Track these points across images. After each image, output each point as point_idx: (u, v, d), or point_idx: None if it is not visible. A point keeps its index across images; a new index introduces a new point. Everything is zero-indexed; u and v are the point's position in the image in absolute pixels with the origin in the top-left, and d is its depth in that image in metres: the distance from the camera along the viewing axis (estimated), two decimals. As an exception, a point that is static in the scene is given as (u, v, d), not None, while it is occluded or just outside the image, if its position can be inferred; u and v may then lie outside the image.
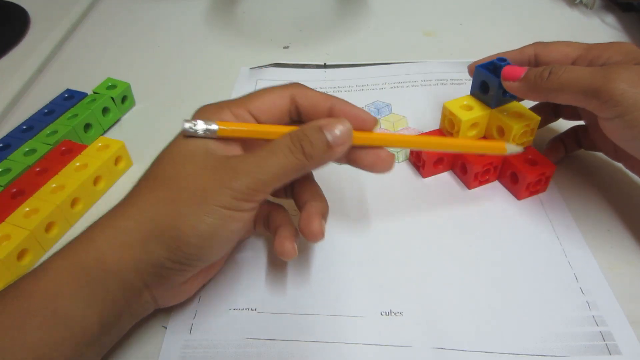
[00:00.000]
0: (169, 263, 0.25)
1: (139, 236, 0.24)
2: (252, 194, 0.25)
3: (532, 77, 0.31)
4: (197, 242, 0.25)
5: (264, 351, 0.28)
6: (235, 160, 0.26)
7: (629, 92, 0.27)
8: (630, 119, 0.27)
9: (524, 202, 0.36)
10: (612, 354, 0.27)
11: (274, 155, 0.26)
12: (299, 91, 0.29)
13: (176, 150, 0.26)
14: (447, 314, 0.29)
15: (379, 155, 0.28)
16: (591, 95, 0.28)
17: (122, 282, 0.25)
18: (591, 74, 0.28)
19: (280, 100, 0.29)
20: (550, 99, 0.31)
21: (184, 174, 0.25)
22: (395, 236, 0.34)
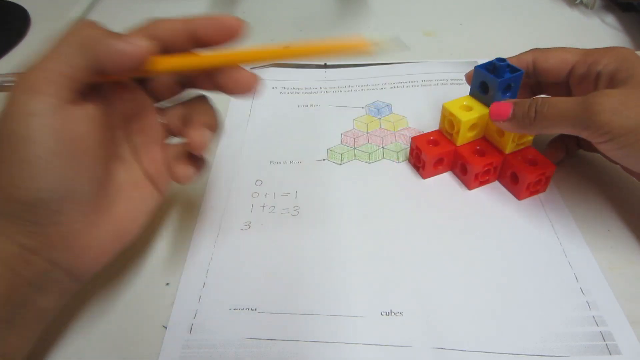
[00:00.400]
0: (15, 212, 0.23)
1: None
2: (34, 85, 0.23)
3: (520, 116, 0.32)
4: (17, 173, 0.22)
5: (265, 351, 0.28)
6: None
7: (614, 120, 0.28)
8: (621, 141, 0.28)
9: (523, 202, 0.36)
10: (612, 354, 0.27)
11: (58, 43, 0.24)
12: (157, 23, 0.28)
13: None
14: (447, 314, 0.29)
15: (236, 78, 0.27)
16: (580, 127, 0.29)
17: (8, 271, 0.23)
18: (574, 107, 0.29)
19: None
20: (544, 133, 0.32)
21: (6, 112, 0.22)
22: (396, 236, 0.34)
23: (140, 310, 0.31)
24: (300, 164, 0.40)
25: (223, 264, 0.33)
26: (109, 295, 0.31)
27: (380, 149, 0.41)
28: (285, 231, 0.35)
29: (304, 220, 0.36)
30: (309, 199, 0.37)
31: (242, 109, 0.46)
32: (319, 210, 0.36)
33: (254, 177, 0.39)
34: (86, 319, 0.30)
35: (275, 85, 0.49)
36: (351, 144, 0.42)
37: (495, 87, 0.34)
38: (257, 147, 0.42)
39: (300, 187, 0.38)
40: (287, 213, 0.36)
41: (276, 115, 0.46)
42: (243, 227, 0.35)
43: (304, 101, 0.47)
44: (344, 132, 0.43)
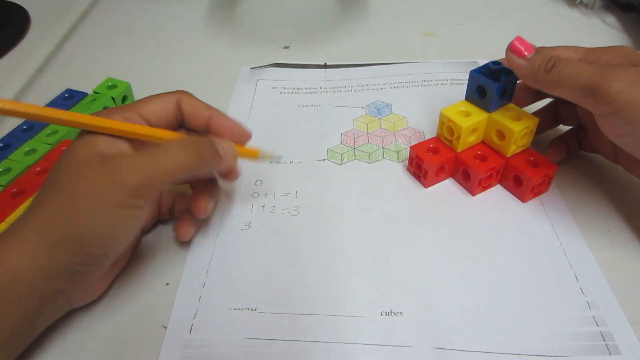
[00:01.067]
0: (77, 266, 0.26)
1: (44, 246, 0.25)
2: (145, 190, 0.27)
3: (536, 64, 0.31)
4: (100, 242, 0.26)
5: (265, 351, 0.28)
6: (126, 159, 0.27)
7: (624, 91, 0.28)
8: (625, 115, 0.28)
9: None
10: (612, 354, 0.27)
11: (167, 153, 0.28)
12: (184, 97, 0.32)
13: (70, 158, 0.27)
14: (447, 314, 0.29)
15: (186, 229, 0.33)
16: (588, 92, 0.29)
17: (33, 291, 0.25)
18: (590, 71, 0.29)
19: (167, 104, 0.31)
20: (546, 91, 0.32)
21: (78, 180, 0.26)
22: (396, 236, 0.34)
23: (140, 310, 0.31)
24: (300, 164, 0.40)
25: (223, 264, 0.33)
26: (109, 295, 0.31)
27: (380, 149, 0.41)
28: (286, 231, 0.35)
29: (304, 220, 0.36)
30: (309, 199, 0.37)
31: (242, 109, 0.46)
32: (319, 210, 0.36)
33: (254, 177, 0.39)
34: (86, 318, 0.30)
35: (275, 85, 0.49)
36: (351, 144, 0.42)
37: (493, 91, 0.34)
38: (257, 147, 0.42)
39: (301, 187, 0.38)
40: (287, 213, 0.36)
41: (276, 115, 0.46)
42: (243, 227, 0.35)
43: (304, 101, 0.47)
44: (344, 132, 0.43)
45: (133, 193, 0.26)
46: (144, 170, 0.26)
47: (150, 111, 0.30)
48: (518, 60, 0.32)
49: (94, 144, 0.27)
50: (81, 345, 0.29)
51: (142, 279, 0.32)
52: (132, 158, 0.27)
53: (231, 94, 0.49)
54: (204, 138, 0.30)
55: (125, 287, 0.32)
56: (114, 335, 0.29)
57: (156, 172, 0.27)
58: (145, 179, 0.26)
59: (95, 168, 0.26)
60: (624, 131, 0.29)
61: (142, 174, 0.26)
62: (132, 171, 0.26)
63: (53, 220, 0.25)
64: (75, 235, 0.25)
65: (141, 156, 0.27)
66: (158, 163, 0.27)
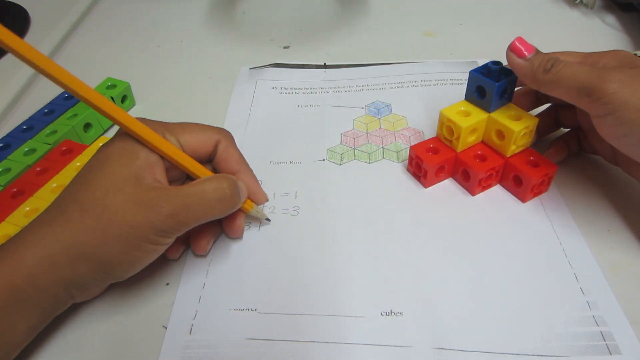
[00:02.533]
0: (93, 281, 0.28)
1: (67, 258, 0.26)
2: (175, 233, 0.28)
3: (535, 64, 0.31)
4: (122, 268, 0.28)
5: (265, 351, 0.28)
6: (162, 198, 0.27)
7: (619, 91, 0.28)
8: (620, 116, 0.28)
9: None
10: (613, 354, 0.27)
11: (203, 200, 0.28)
12: (224, 141, 0.32)
13: (108, 175, 0.27)
14: (448, 314, 0.29)
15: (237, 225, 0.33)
16: (584, 93, 0.29)
17: (50, 297, 0.26)
18: (587, 72, 0.29)
19: (208, 141, 0.32)
20: (544, 91, 0.32)
21: (113, 206, 0.26)
22: (396, 236, 0.34)
23: (140, 311, 0.31)
24: (300, 164, 0.40)
25: (223, 264, 0.33)
26: (109, 295, 0.31)
27: (380, 149, 0.41)
28: (285, 231, 0.35)
29: (304, 220, 0.36)
30: (309, 199, 0.37)
31: (241, 110, 0.46)
32: (319, 210, 0.36)
33: (254, 178, 0.39)
34: (86, 319, 0.30)
35: (275, 86, 0.49)
36: (351, 144, 0.42)
37: (493, 91, 0.34)
38: (256, 148, 0.42)
39: (300, 187, 0.38)
40: (287, 213, 0.36)
41: (276, 115, 0.46)
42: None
43: (303, 101, 0.47)
44: (343, 132, 0.43)
45: (162, 234, 0.27)
46: (177, 216, 0.27)
47: (190, 142, 0.31)
48: (518, 60, 0.32)
49: (133, 162, 0.28)
50: (81, 345, 0.29)
51: (142, 279, 0.32)
52: (169, 200, 0.27)
53: (231, 94, 0.49)
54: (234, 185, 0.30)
55: (126, 287, 0.32)
56: (114, 335, 0.29)
57: (189, 218, 0.28)
58: (177, 224, 0.27)
59: (132, 197, 0.27)
60: (620, 132, 0.29)
61: (175, 220, 0.27)
62: (167, 214, 0.27)
63: (81, 238, 0.26)
64: (99, 259, 0.26)
65: (177, 200, 0.27)
66: (193, 210, 0.28)
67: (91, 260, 0.26)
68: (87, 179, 0.28)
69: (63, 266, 0.26)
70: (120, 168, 0.27)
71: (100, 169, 0.28)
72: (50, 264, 0.26)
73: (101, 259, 0.27)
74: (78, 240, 0.26)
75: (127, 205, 0.26)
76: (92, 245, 0.26)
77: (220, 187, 0.29)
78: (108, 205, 0.26)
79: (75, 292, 0.28)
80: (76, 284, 0.27)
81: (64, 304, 0.28)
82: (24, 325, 0.26)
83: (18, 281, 0.25)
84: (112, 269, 0.27)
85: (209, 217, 0.29)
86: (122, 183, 0.27)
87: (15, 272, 0.25)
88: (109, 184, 0.27)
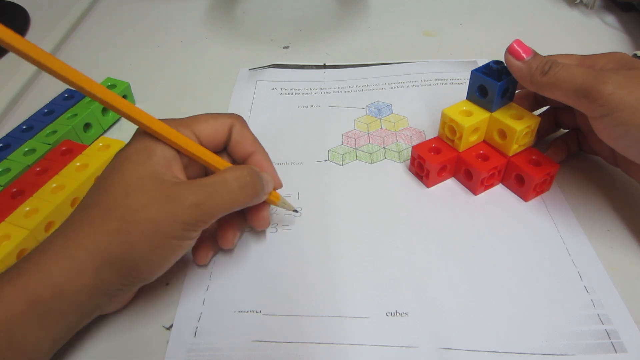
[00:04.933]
0: (120, 286, 0.27)
1: (92, 265, 0.25)
2: (199, 225, 0.27)
3: (533, 66, 0.32)
4: (149, 269, 0.27)
5: (270, 354, 0.28)
6: (184, 190, 0.27)
7: (616, 93, 0.28)
8: (617, 117, 0.28)
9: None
10: (618, 352, 0.27)
11: (225, 188, 0.28)
12: (237, 124, 0.32)
13: (127, 176, 0.27)
14: (453, 314, 0.29)
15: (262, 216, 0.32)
16: (581, 94, 0.29)
17: (76, 307, 0.26)
18: (584, 74, 0.30)
19: (222, 127, 0.31)
20: (542, 93, 0.32)
21: (135, 206, 0.26)
22: (400, 237, 0.34)
23: (140, 311, 0.31)
24: (301, 165, 0.40)
25: (226, 266, 0.33)
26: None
27: (381, 149, 0.41)
28: (289, 232, 0.35)
29: (308, 221, 0.35)
30: (312, 200, 0.37)
31: (242, 111, 0.46)
32: (322, 211, 0.36)
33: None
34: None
35: (275, 86, 0.49)
36: (352, 145, 0.42)
37: (495, 91, 0.34)
38: (258, 148, 0.42)
39: (303, 188, 0.38)
40: (289, 214, 0.36)
41: (276, 116, 0.46)
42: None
43: (304, 102, 0.47)
44: (344, 133, 0.43)
45: (188, 227, 0.27)
46: (202, 206, 0.27)
47: (205, 131, 0.30)
48: (516, 62, 0.32)
49: (150, 160, 0.27)
50: (82, 346, 0.29)
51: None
52: (191, 191, 0.27)
53: (231, 94, 0.48)
54: (255, 173, 0.30)
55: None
56: (115, 336, 0.29)
57: (213, 208, 0.27)
58: (202, 214, 0.27)
59: (153, 195, 0.26)
60: (617, 133, 0.29)
61: (200, 210, 0.27)
62: (190, 207, 0.26)
63: (105, 242, 0.26)
64: (125, 261, 0.26)
65: (199, 189, 0.27)
66: (216, 199, 0.27)
67: (116, 264, 0.26)
68: (106, 183, 0.27)
69: (89, 274, 0.25)
70: (138, 167, 0.27)
71: (118, 172, 0.27)
72: (75, 273, 0.25)
73: (127, 261, 0.26)
74: (102, 245, 0.25)
75: (149, 202, 0.26)
76: (116, 248, 0.25)
77: (242, 174, 0.29)
78: (129, 205, 0.26)
79: (102, 301, 0.27)
80: (103, 291, 0.26)
81: (89, 315, 0.27)
82: (49, 340, 0.25)
83: (43, 294, 0.24)
84: (138, 271, 0.27)
85: (233, 205, 0.28)
86: (141, 182, 0.26)
87: (39, 285, 0.24)
88: (128, 185, 0.26)
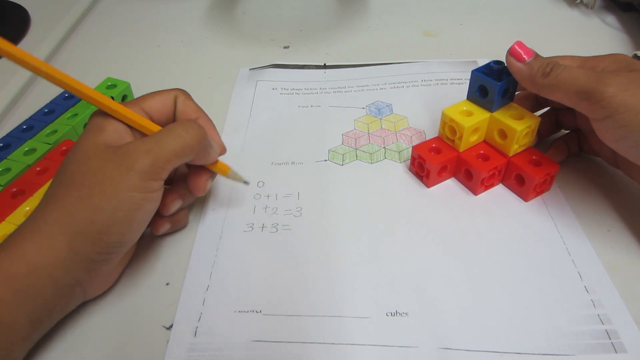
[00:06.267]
0: (95, 255, 0.27)
1: (63, 238, 0.26)
2: (156, 172, 0.28)
3: (535, 68, 0.32)
4: (118, 229, 0.27)
5: (270, 354, 0.28)
6: (134, 144, 0.28)
7: (618, 95, 0.28)
8: (619, 119, 0.28)
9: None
10: (618, 352, 0.27)
11: (172, 134, 0.29)
12: (180, 95, 0.33)
13: (79, 150, 0.28)
14: (453, 314, 0.29)
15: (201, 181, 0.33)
16: (582, 96, 0.29)
17: (53, 282, 0.26)
18: (586, 76, 0.30)
19: (167, 100, 0.32)
20: (543, 94, 0.32)
21: (92, 170, 0.27)
22: (401, 237, 0.34)
23: (140, 311, 0.31)
24: (302, 165, 0.40)
25: (226, 266, 0.33)
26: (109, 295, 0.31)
27: (382, 149, 0.41)
28: (289, 232, 0.35)
29: (308, 221, 0.35)
30: (312, 200, 0.37)
31: (242, 111, 0.46)
32: (322, 211, 0.36)
33: (256, 179, 0.39)
34: (86, 320, 0.30)
35: (275, 86, 0.49)
36: (353, 145, 0.42)
37: (495, 91, 0.34)
38: (258, 149, 0.42)
39: (303, 188, 0.38)
40: (289, 214, 0.36)
41: (277, 116, 0.46)
42: (246, 228, 0.35)
43: (304, 102, 0.47)
44: (345, 133, 0.43)
45: (145, 175, 0.27)
46: (153, 152, 0.28)
47: (153, 106, 0.32)
48: (517, 64, 0.32)
49: (102, 133, 0.28)
50: (82, 347, 0.29)
51: (142, 279, 0.32)
52: (140, 142, 0.28)
53: (231, 94, 0.48)
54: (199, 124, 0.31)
55: (126, 287, 0.32)
56: (116, 336, 0.29)
57: (164, 152, 0.28)
58: (155, 160, 0.27)
59: (106, 156, 0.27)
60: (618, 135, 0.29)
61: (152, 156, 0.27)
62: (141, 154, 0.27)
63: (71, 211, 0.26)
64: (93, 225, 0.26)
65: (148, 140, 0.28)
66: (165, 143, 0.28)
67: (86, 231, 0.26)
68: (65, 160, 0.28)
69: (61, 247, 0.26)
70: (90, 140, 0.28)
71: (74, 149, 0.28)
72: (48, 248, 0.26)
73: (95, 225, 0.26)
74: (68, 215, 0.26)
75: (104, 164, 0.27)
76: (83, 214, 0.26)
77: (186, 122, 0.30)
78: (86, 171, 0.27)
79: (80, 275, 0.27)
80: (78, 263, 0.26)
81: (69, 291, 0.27)
82: (26, 318, 0.25)
83: (17, 271, 0.25)
84: (108, 234, 0.27)
85: (184, 149, 0.29)
86: (94, 150, 0.28)
87: (13, 263, 0.25)
88: (83, 155, 0.28)
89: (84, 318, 0.30)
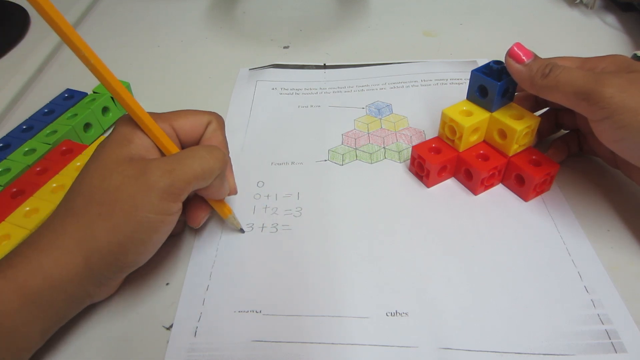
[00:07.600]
0: (109, 274, 0.27)
1: (81, 254, 0.26)
2: (176, 192, 0.27)
3: (534, 69, 0.32)
4: (134, 250, 0.27)
5: (270, 354, 0.28)
6: (157, 163, 0.27)
7: (616, 96, 0.28)
8: (618, 120, 0.28)
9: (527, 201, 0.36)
10: (618, 352, 0.27)
11: (195, 155, 0.28)
12: (213, 123, 0.32)
13: (104, 162, 0.27)
14: (453, 314, 0.29)
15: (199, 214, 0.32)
16: (581, 97, 0.29)
17: (66, 296, 0.26)
18: (585, 77, 0.30)
19: (199, 123, 0.32)
20: (543, 96, 0.32)
21: (113, 187, 0.26)
22: (401, 237, 0.34)
23: (140, 311, 0.31)
24: (301, 165, 0.40)
25: (226, 266, 0.33)
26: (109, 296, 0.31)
27: (381, 149, 0.41)
28: (289, 232, 0.35)
29: (308, 221, 0.35)
30: (312, 200, 0.37)
31: (242, 111, 0.46)
32: (322, 211, 0.36)
33: (256, 179, 0.39)
34: (86, 320, 0.30)
35: (275, 87, 0.49)
36: (352, 145, 0.42)
37: (495, 91, 0.34)
38: (258, 149, 0.42)
39: (303, 188, 0.38)
40: (289, 214, 0.36)
41: (277, 116, 0.46)
42: (246, 228, 0.35)
43: (304, 102, 0.47)
44: (344, 133, 0.43)
45: (165, 195, 0.27)
46: (174, 171, 0.27)
47: (183, 126, 0.31)
48: (516, 66, 0.33)
49: (127, 146, 0.28)
50: (82, 347, 0.29)
51: (142, 279, 0.32)
52: (162, 161, 0.28)
53: (231, 94, 0.48)
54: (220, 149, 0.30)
55: (126, 287, 0.32)
56: (116, 337, 0.29)
57: (186, 174, 0.27)
58: (175, 180, 0.27)
59: (129, 173, 0.27)
60: (617, 136, 0.29)
61: (172, 175, 0.27)
62: (164, 173, 0.27)
63: (90, 228, 0.26)
64: (111, 245, 0.26)
65: (170, 159, 0.28)
66: (187, 165, 0.28)
67: (104, 250, 0.26)
68: (86, 171, 0.28)
69: (78, 264, 0.26)
70: (114, 152, 0.28)
71: (96, 159, 0.28)
72: (65, 263, 0.26)
73: (113, 245, 0.26)
74: (87, 232, 0.26)
75: (125, 181, 0.26)
76: (101, 234, 0.26)
77: (208, 146, 0.30)
78: (107, 187, 0.26)
79: (91, 289, 0.27)
80: (92, 279, 0.27)
81: (79, 304, 0.28)
82: (39, 330, 0.26)
83: (34, 285, 0.25)
84: (125, 254, 0.27)
85: (204, 170, 0.28)
86: (117, 165, 0.27)
87: (31, 276, 0.25)
88: (105, 169, 0.27)
89: (84, 318, 0.30)
